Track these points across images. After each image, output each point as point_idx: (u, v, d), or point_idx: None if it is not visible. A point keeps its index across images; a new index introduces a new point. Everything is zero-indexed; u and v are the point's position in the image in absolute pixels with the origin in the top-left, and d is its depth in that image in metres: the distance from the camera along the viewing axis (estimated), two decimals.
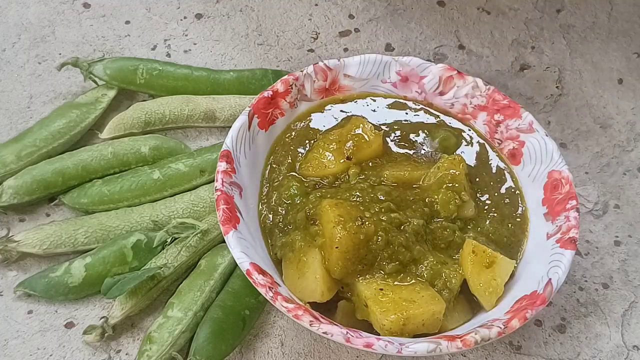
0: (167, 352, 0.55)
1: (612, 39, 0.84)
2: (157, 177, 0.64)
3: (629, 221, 0.68)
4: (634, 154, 0.73)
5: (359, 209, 0.53)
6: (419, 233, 0.54)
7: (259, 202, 0.58)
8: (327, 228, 0.52)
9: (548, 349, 0.60)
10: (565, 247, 0.54)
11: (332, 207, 0.52)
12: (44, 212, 0.65)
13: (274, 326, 0.59)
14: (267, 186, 0.59)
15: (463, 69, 0.77)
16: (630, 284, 0.64)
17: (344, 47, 0.81)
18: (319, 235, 0.52)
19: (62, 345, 0.57)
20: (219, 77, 0.73)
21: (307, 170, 0.59)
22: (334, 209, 0.52)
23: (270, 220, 0.57)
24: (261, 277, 0.50)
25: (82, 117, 0.68)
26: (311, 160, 0.59)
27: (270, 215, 0.57)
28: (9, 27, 0.79)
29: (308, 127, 0.62)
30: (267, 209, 0.58)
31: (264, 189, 0.59)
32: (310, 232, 0.53)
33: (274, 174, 0.59)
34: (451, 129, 0.63)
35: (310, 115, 0.63)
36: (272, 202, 0.58)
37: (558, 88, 0.79)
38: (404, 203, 0.56)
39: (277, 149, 0.61)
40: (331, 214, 0.52)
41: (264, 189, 0.59)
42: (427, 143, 0.62)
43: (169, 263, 0.59)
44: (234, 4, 0.84)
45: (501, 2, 0.87)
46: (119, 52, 0.78)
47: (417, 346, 0.48)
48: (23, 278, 0.59)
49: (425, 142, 0.62)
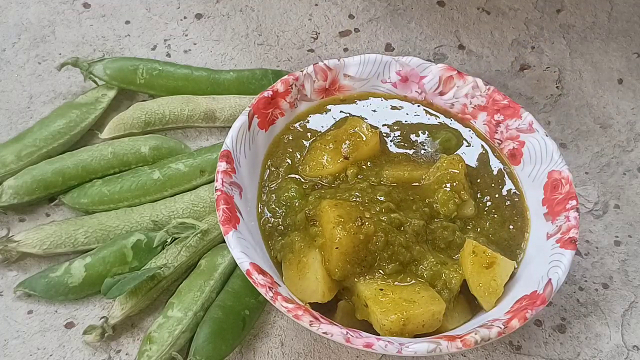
0: (167, 352, 0.55)
1: (612, 39, 0.84)
2: (157, 177, 0.64)
3: (629, 221, 0.68)
4: (634, 154, 0.73)
5: (358, 209, 0.53)
6: (419, 234, 0.54)
7: (259, 203, 0.58)
8: (327, 228, 0.52)
9: (548, 349, 0.60)
10: (565, 247, 0.54)
11: (331, 208, 0.52)
12: (44, 212, 0.65)
13: (274, 326, 0.59)
14: (265, 189, 0.59)
15: (463, 69, 0.77)
16: (630, 284, 0.64)
17: (344, 47, 0.81)
18: (319, 235, 0.52)
19: (62, 345, 0.57)
20: (219, 77, 0.73)
21: (305, 171, 0.59)
22: (333, 209, 0.52)
23: (270, 223, 0.57)
24: (261, 277, 0.50)
25: (82, 117, 0.68)
26: (309, 161, 0.59)
27: (269, 217, 0.57)
28: (9, 27, 0.79)
29: (306, 128, 0.62)
30: (267, 211, 0.58)
31: (263, 191, 0.59)
32: (310, 232, 0.53)
33: (272, 176, 0.59)
34: (451, 130, 0.63)
35: (309, 115, 0.63)
36: (271, 205, 0.58)
37: (558, 88, 0.79)
38: (404, 203, 0.56)
39: (275, 150, 0.61)
40: (331, 215, 0.52)
41: (263, 190, 0.59)
42: (428, 143, 0.62)
43: (169, 263, 0.59)
44: (234, 4, 0.84)
45: (501, 2, 0.87)
46: (119, 52, 0.78)
47: (417, 346, 0.48)
48: (23, 278, 0.59)
49: (426, 143, 0.62)
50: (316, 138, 0.61)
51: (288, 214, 0.56)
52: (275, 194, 0.58)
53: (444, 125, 0.64)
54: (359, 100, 0.65)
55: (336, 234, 0.51)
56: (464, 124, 0.64)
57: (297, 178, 0.59)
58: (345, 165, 0.59)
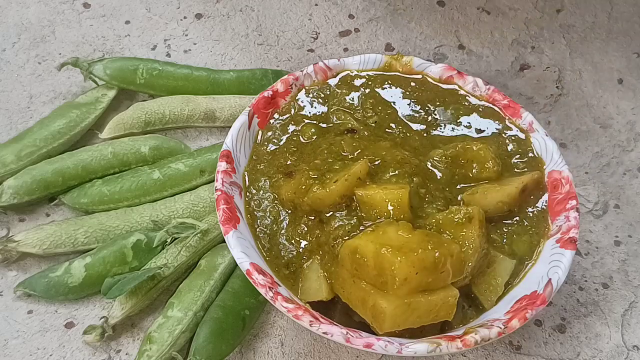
0: (167, 352, 0.55)
1: (612, 39, 0.84)
2: (157, 177, 0.64)
3: (629, 221, 0.68)
4: (634, 154, 0.73)
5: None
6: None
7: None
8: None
9: (548, 349, 0.60)
10: (565, 247, 0.54)
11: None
12: (44, 212, 0.65)
13: (274, 326, 0.59)
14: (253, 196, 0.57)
15: (463, 69, 0.77)
16: (630, 284, 0.64)
17: (344, 47, 0.81)
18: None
19: (62, 345, 0.57)
20: (219, 77, 0.73)
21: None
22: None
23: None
24: (261, 277, 0.50)
25: (82, 117, 0.68)
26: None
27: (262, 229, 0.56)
28: (9, 27, 0.79)
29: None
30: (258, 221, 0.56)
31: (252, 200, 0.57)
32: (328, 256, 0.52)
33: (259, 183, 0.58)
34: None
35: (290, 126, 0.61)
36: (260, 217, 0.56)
37: (558, 88, 0.79)
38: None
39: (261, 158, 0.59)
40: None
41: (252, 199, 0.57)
42: (440, 113, 0.62)
43: (169, 263, 0.59)
44: (234, 4, 0.84)
45: (501, 2, 0.87)
46: (119, 52, 0.78)
47: (417, 346, 0.48)
48: (23, 278, 0.60)
49: (438, 112, 0.62)
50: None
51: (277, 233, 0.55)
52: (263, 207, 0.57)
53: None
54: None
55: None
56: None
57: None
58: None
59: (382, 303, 0.47)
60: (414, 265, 0.46)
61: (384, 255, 0.46)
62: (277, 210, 0.55)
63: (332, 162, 0.55)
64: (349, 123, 0.60)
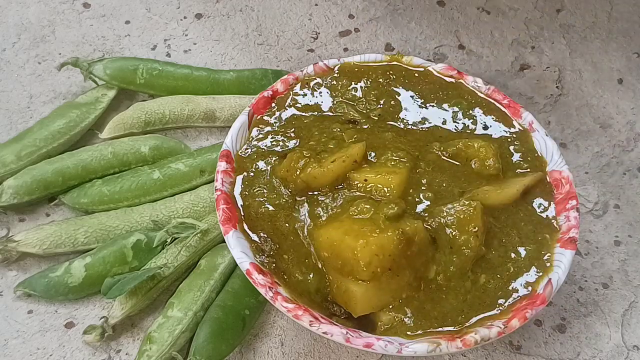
0: (167, 352, 0.55)
1: (612, 39, 0.84)
2: (157, 177, 0.64)
3: (629, 221, 0.68)
4: (634, 154, 0.73)
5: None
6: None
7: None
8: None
9: (548, 349, 0.60)
10: (565, 247, 0.54)
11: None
12: (44, 212, 0.65)
13: (274, 326, 0.59)
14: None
15: (463, 69, 0.77)
16: (630, 284, 0.64)
17: (344, 47, 0.81)
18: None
19: (62, 345, 0.57)
20: (219, 77, 0.73)
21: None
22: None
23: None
24: (261, 277, 0.50)
25: (82, 117, 0.68)
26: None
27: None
28: (9, 27, 0.79)
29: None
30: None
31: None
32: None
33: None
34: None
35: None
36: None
37: (558, 88, 0.79)
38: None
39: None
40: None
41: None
42: (443, 107, 0.61)
43: (169, 263, 0.59)
44: (234, 4, 0.84)
45: (501, 2, 0.87)
46: (119, 52, 0.78)
47: (416, 346, 0.48)
48: (23, 278, 0.60)
49: (441, 106, 0.62)
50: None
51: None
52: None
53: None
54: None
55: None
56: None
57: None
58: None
59: (351, 287, 0.49)
60: (377, 252, 0.47)
61: (344, 243, 0.48)
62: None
63: (326, 140, 0.56)
64: (350, 114, 0.60)
